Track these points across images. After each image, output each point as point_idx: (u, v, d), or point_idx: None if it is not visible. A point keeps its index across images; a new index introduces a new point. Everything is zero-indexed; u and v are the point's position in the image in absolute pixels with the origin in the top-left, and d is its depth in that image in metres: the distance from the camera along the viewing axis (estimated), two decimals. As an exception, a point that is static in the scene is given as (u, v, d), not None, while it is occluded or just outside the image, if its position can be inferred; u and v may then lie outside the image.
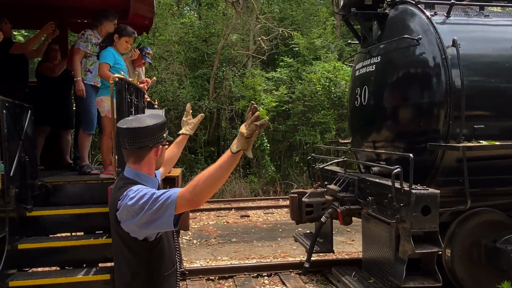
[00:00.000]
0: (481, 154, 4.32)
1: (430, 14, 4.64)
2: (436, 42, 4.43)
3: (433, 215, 3.85)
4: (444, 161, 4.36)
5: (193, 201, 1.84)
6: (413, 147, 4.57)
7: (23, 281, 3.67)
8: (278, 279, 5.60)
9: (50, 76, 5.72)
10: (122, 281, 2.13)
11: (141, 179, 2.07)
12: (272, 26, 15.53)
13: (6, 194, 3.53)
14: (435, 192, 3.92)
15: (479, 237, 4.49)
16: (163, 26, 15.26)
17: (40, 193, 4.16)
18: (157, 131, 2.07)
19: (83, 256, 4.05)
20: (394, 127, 4.93)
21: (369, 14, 5.25)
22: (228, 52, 15.56)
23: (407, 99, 4.79)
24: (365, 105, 5.35)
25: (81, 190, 4.33)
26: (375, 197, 4.45)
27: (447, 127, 4.31)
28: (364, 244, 5.03)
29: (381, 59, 5.08)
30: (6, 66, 5.05)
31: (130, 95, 4.19)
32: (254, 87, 13.81)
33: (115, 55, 4.50)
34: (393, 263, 4.22)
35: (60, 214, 4.14)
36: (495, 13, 4.89)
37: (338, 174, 5.34)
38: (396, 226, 4.10)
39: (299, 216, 5.05)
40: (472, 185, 4.29)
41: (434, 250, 3.95)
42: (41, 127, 5.35)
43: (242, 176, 13.61)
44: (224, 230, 8.64)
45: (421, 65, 4.58)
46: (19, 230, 3.91)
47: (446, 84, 4.31)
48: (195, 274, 5.60)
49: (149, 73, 12.17)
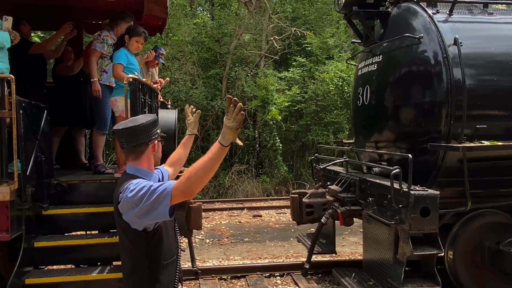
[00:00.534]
0: (484, 155, 4.21)
1: (432, 12, 4.56)
2: (437, 41, 4.35)
3: (432, 217, 3.77)
4: (446, 161, 4.26)
5: (187, 192, 1.97)
6: (415, 148, 4.49)
7: (39, 278, 3.73)
8: (291, 279, 5.58)
9: (68, 75, 5.80)
10: (126, 272, 2.27)
11: (141, 174, 2.21)
12: (284, 26, 15.49)
13: (22, 193, 3.59)
14: (434, 193, 3.84)
15: (482, 239, 4.38)
16: (176, 27, 15.35)
17: (56, 192, 4.21)
18: (151, 128, 2.23)
19: (98, 254, 4.09)
20: (396, 127, 4.86)
21: (371, 13, 5.19)
22: (240, 52, 15.58)
23: (408, 99, 4.71)
24: (367, 104, 5.28)
25: (95, 189, 4.38)
26: (376, 198, 4.38)
27: (448, 127, 4.22)
28: (365, 245, 4.96)
29: (383, 58, 5.02)
30: (26, 67, 5.14)
31: (144, 95, 4.22)
32: (267, 87, 13.80)
33: (128, 56, 4.54)
34: (393, 265, 4.14)
35: (75, 212, 4.20)
36: (500, 11, 4.78)
37: (340, 174, 5.28)
38: (396, 227, 4.03)
39: (299, 217, 5.02)
40: (476, 186, 4.20)
41: (434, 252, 3.88)
42: (57, 127, 5.43)
43: (255, 176, 13.62)
44: (237, 229, 8.65)
45: (422, 64, 4.50)
46: (35, 229, 3.96)
47: (447, 83, 4.22)
48: (208, 274, 5.61)
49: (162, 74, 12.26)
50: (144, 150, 2.22)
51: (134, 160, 2.23)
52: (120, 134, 2.21)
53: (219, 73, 15.24)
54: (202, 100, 14.20)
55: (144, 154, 2.22)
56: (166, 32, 14.16)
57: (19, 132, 3.56)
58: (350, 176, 5.03)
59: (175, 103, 13.45)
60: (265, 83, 13.88)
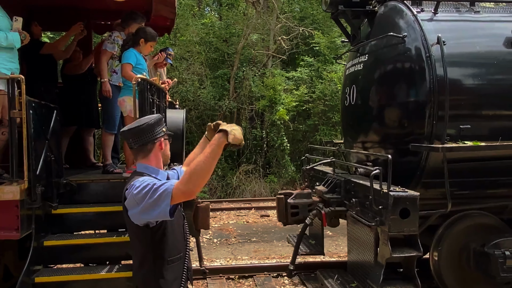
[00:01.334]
0: (469, 156, 4.11)
1: (417, 11, 4.48)
2: (420, 40, 4.27)
3: (412, 218, 3.70)
4: (429, 162, 4.17)
5: (188, 192, 2.00)
6: (399, 148, 4.44)
7: (49, 277, 3.75)
8: (298, 279, 5.57)
9: (77, 73, 5.84)
10: (134, 268, 2.37)
11: (150, 171, 2.26)
12: (292, 26, 15.46)
13: (32, 192, 3.62)
14: (414, 194, 3.77)
15: (467, 241, 4.32)
16: (184, 27, 15.39)
17: (65, 191, 4.24)
18: (155, 127, 2.27)
19: (106, 253, 4.11)
20: (380, 127, 4.80)
21: (357, 12, 5.13)
22: (248, 52, 15.58)
23: (391, 99, 4.64)
24: (353, 104, 5.23)
25: (104, 188, 4.40)
26: (359, 199, 4.32)
27: (431, 127, 4.13)
28: (349, 246, 4.86)
29: (368, 58, 4.96)
30: (38, 68, 5.20)
31: (152, 95, 4.23)
32: (274, 87, 13.79)
33: (137, 56, 4.56)
34: (373, 267, 4.07)
35: (84, 212, 4.22)
36: (487, 9, 4.68)
37: (327, 175, 5.22)
38: (376, 229, 3.97)
39: (285, 218, 4.94)
40: (462, 187, 4.15)
41: (413, 254, 3.80)
42: (66, 127, 5.48)
43: (262, 176, 13.62)
44: (244, 229, 8.66)
45: (406, 64, 4.44)
46: (45, 227, 3.99)
47: (430, 83, 4.13)
48: (216, 273, 5.63)
49: (170, 74, 12.30)
50: (151, 148, 2.27)
51: (143, 159, 2.29)
52: (126, 135, 2.29)
53: (226, 73, 15.26)
54: (209, 100, 14.22)
55: (152, 153, 2.28)
56: (174, 32, 14.21)
57: (28, 132, 3.59)
58: (337, 176, 4.97)
59: (183, 103, 13.49)
60: (272, 83, 13.87)
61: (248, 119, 14.77)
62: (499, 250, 4.07)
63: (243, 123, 14.64)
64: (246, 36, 14.94)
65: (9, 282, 4.48)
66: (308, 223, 4.79)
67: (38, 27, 5.30)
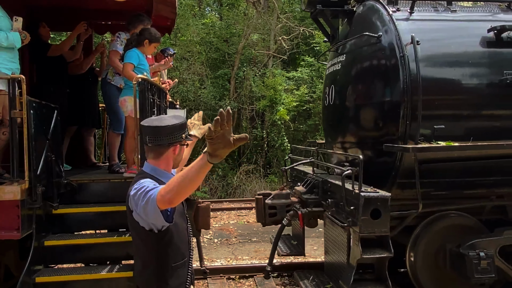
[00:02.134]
0: (443, 156, 4.06)
1: (392, 11, 4.43)
2: (395, 40, 4.22)
3: (383, 219, 3.66)
4: (404, 162, 4.11)
5: (166, 201, 1.89)
6: (375, 148, 4.41)
7: (49, 277, 3.75)
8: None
9: (77, 73, 5.84)
10: (136, 270, 2.31)
11: (157, 174, 2.18)
12: (293, 25, 15.47)
13: (33, 192, 3.62)
14: (385, 195, 3.74)
15: (444, 241, 4.29)
16: (185, 27, 15.40)
17: (66, 191, 4.25)
18: (176, 131, 2.17)
19: (107, 253, 4.12)
20: (356, 128, 4.77)
21: (336, 12, 5.10)
22: (248, 52, 15.59)
23: (366, 99, 4.59)
24: (332, 104, 5.20)
25: (105, 188, 4.40)
26: (335, 200, 4.29)
27: (405, 127, 4.07)
28: (326, 247, 4.81)
29: (346, 57, 4.93)
30: (47, 69, 5.20)
31: (153, 95, 4.23)
32: (275, 87, 13.79)
33: (139, 56, 4.57)
34: (346, 268, 4.03)
35: (85, 212, 4.22)
36: (464, 8, 4.63)
37: (307, 175, 5.18)
38: (349, 229, 3.94)
39: (263, 218, 4.89)
40: (438, 188, 4.12)
41: (384, 256, 3.76)
42: (66, 127, 5.48)
43: (263, 176, 13.62)
44: (245, 229, 8.66)
45: (380, 63, 4.39)
46: (46, 227, 3.99)
47: (404, 83, 4.08)
48: (216, 273, 5.63)
49: (171, 74, 12.31)
50: (164, 152, 2.18)
51: (153, 159, 2.20)
52: (145, 130, 2.18)
53: (227, 73, 15.27)
54: (210, 100, 14.23)
55: (163, 156, 2.19)
56: (174, 32, 14.21)
57: (29, 132, 3.59)
58: (316, 177, 4.94)
59: (184, 103, 13.50)
60: (273, 83, 13.88)
61: (249, 119, 14.78)
62: (474, 251, 4.04)
63: (244, 123, 14.65)
64: (246, 36, 14.94)
65: (10, 282, 4.48)
66: (285, 223, 4.75)
67: (47, 28, 5.29)
